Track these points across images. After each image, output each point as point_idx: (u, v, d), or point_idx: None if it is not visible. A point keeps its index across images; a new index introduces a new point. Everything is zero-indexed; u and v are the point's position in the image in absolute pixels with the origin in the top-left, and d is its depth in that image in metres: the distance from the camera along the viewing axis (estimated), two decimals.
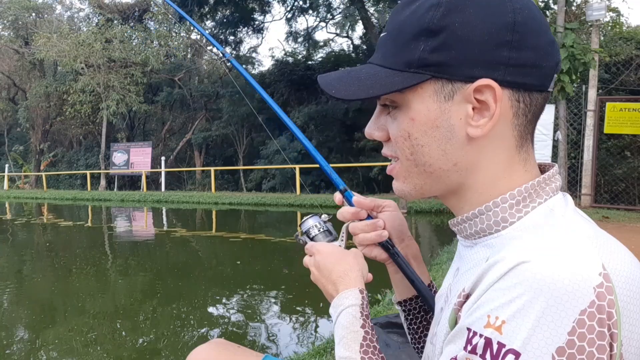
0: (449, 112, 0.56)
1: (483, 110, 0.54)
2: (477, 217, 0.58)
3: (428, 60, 0.55)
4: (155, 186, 19.88)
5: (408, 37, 0.56)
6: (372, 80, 0.58)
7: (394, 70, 0.57)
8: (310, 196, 13.37)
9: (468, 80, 0.54)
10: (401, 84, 0.56)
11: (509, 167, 0.57)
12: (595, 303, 0.44)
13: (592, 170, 8.47)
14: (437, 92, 0.55)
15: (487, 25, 0.53)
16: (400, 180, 0.63)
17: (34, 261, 6.64)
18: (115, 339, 3.47)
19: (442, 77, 0.55)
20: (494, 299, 0.47)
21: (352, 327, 0.75)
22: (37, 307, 4.33)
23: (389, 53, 0.59)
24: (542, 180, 0.57)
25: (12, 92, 27.08)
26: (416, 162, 0.59)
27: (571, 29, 7.14)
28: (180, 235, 8.62)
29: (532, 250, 0.48)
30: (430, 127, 0.57)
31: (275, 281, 5.19)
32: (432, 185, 0.61)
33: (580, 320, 0.44)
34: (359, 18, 15.34)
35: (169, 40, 21.19)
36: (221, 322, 3.91)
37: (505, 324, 0.46)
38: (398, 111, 0.59)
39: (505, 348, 0.45)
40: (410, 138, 0.58)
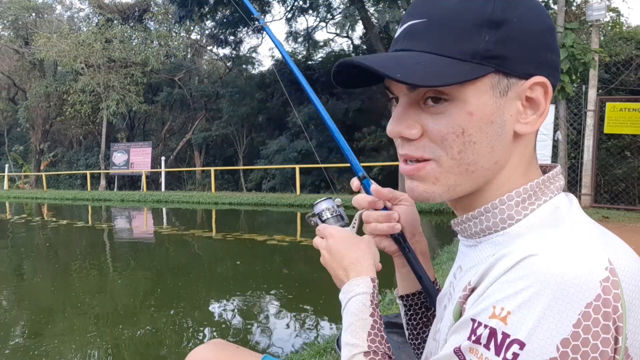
0: (502, 108, 0.55)
1: (528, 109, 0.56)
2: (483, 215, 0.59)
3: (492, 52, 0.53)
4: (155, 186, 19.88)
5: (469, 26, 0.53)
6: (438, 67, 0.53)
7: (457, 60, 0.53)
8: (310, 196, 13.37)
9: (523, 77, 0.54)
10: (470, 73, 0.53)
11: (528, 165, 0.59)
12: (601, 297, 0.45)
13: (592, 170, 8.47)
14: (493, 87, 0.54)
15: (537, 25, 0.54)
16: (430, 182, 0.59)
17: (34, 261, 6.64)
18: (114, 339, 3.47)
19: (502, 72, 0.54)
20: (500, 291, 0.48)
21: (361, 315, 0.73)
22: (37, 307, 4.33)
23: (443, 41, 0.54)
24: (547, 178, 0.58)
25: (12, 92, 27.08)
26: (462, 160, 0.56)
27: (571, 29, 7.15)
28: (180, 235, 8.62)
29: (539, 245, 0.49)
30: (485, 122, 0.55)
31: (275, 281, 5.19)
32: (465, 185, 0.58)
33: (586, 312, 0.44)
34: (359, 18, 15.34)
35: (169, 40, 21.21)
36: (221, 322, 3.91)
37: (511, 314, 0.46)
38: (449, 105, 0.55)
39: (510, 338, 0.46)
40: (464, 134, 0.55)
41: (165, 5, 20.84)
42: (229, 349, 1.03)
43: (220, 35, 20.77)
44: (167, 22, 21.15)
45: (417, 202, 0.65)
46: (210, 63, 26.09)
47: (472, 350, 0.49)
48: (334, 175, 15.98)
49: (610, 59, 9.27)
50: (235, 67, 22.45)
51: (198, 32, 23.79)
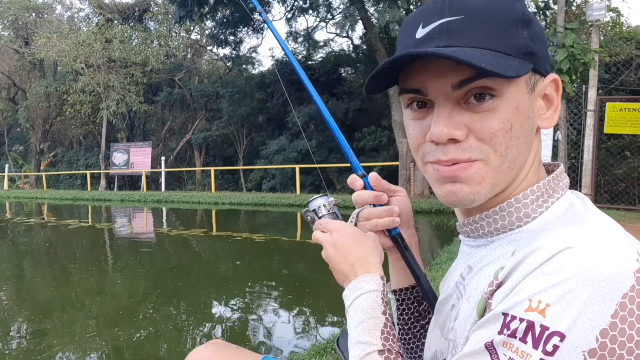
0: (533, 103, 0.56)
1: (547, 104, 0.58)
2: (497, 215, 0.59)
3: (530, 49, 0.55)
4: (155, 186, 19.88)
5: (508, 23, 0.54)
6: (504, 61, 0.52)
7: (506, 55, 0.53)
8: (310, 196, 13.33)
9: (544, 74, 0.57)
10: (524, 68, 0.53)
11: (539, 162, 0.61)
12: (636, 287, 0.46)
13: (592, 170, 8.47)
14: (527, 83, 0.55)
15: (541, 25, 0.58)
16: (476, 182, 0.56)
17: (34, 261, 6.64)
18: (113, 339, 3.47)
19: (535, 68, 0.55)
20: (536, 284, 0.48)
21: (374, 312, 0.71)
22: (37, 307, 4.33)
23: (488, 37, 0.54)
24: (555, 176, 0.59)
25: (12, 92, 27.08)
26: (507, 157, 0.55)
27: (571, 29, 7.15)
28: (180, 235, 8.62)
29: (574, 238, 0.49)
30: (525, 117, 0.55)
31: (275, 281, 5.19)
32: (504, 184, 0.57)
33: (622, 303, 0.45)
34: (359, 18, 15.33)
35: (169, 40, 21.21)
36: (221, 323, 3.91)
37: (550, 307, 0.46)
38: (497, 101, 0.54)
39: (549, 330, 0.46)
40: (512, 130, 0.54)
41: (165, 5, 20.83)
42: (229, 350, 1.03)
43: (220, 35, 20.77)
44: (167, 22, 21.15)
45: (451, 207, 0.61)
46: (210, 63, 26.09)
47: (506, 345, 0.48)
48: (334, 175, 15.98)
49: (610, 59, 9.26)
50: (235, 67, 22.44)
51: (198, 32, 23.81)
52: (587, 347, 0.45)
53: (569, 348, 0.45)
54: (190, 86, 21.72)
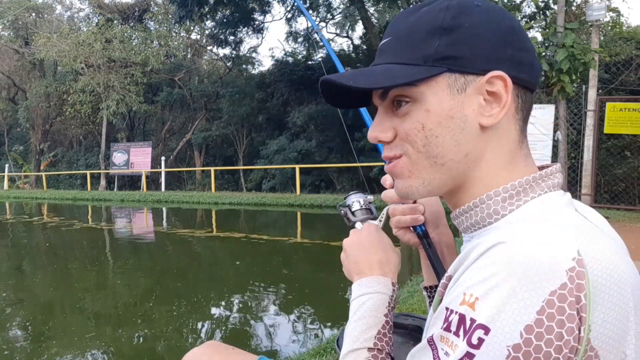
0: (462, 104, 0.58)
1: (492, 102, 0.59)
2: (472, 210, 0.61)
3: (443, 54, 0.58)
4: (155, 186, 19.87)
5: (422, 35, 0.59)
6: (390, 73, 0.60)
7: (410, 65, 0.59)
8: (310, 196, 13.37)
9: (480, 73, 0.58)
10: (421, 74, 0.58)
11: (512, 160, 0.61)
12: (567, 286, 0.46)
13: (592, 170, 8.47)
14: (450, 86, 0.58)
15: (492, 26, 0.59)
16: (405, 176, 0.63)
17: (34, 261, 6.64)
18: (111, 339, 3.47)
19: (456, 71, 0.58)
20: (470, 278, 0.50)
21: (376, 313, 0.75)
22: (36, 308, 4.33)
23: (401, 52, 0.61)
24: (539, 176, 0.59)
25: (12, 92, 27.07)
26: (428, 153, 0.60)
27: (571, 29, 7.14)
28: (180, 235, 8.62)
29: (509, 234, 0.50)
30: (444, 117, 0.59)
31: (275, 281, 5.19)
32: (441, 179, 0.61)
33: (550, 300, 0.45)
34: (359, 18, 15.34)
35: (169, 40, 21.20)
36: (220, 323, 3.91)
37: (479, 300, 0.47)
38: (411, 105, 0.60)
39: (476, 323, 0.47)
40: (425, 129, 0.59)
41: (165, 5, 20.83)
42: (224, 351, 1.03)
43: (220, 35, 20.76)
44: (167, 22, 21.14)
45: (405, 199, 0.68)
46: (210, 63, 26.08)
47: (443, 339, 0.50)
48: (334, 175, 15.98)
49: (610, 59, 9.26)
50: (235, 67, 22.44)
51: (198, 32, 23.80)
52: (512, 342, 0.45)
53: (493, 342, 0.46)
54: (190, 86, 21.71)
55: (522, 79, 0.59)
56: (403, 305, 3.11)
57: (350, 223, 0.93)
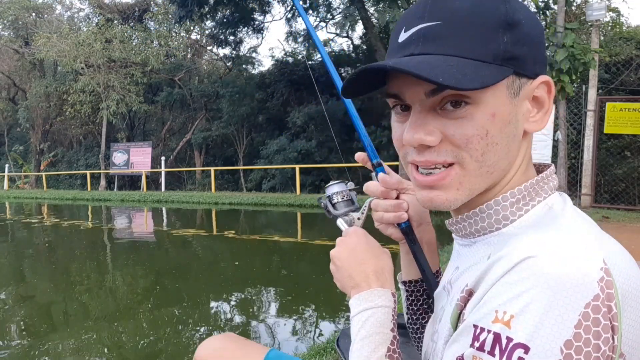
0: (516, 108, 0.56)
1: (534, 107, 0.57)
2: (478, 216, 0.59)
3: (511, 54, 0.54)
4: (155, 186, 19.87)
5: (487, 28, 0.53)
6: (472, 70, 0.52)
7: (481, 62, 0.53)
8: (310, 196, 13.36)
9: (532, 77, 0.55)
10: (498, 76, 0.53)
11: (527, 164, 0.60)
12: (600, 297, 0.45)
13: (592, 170, 8.47)
14: (508, 88, 0.55)
15: (537, 25, 0.57)
16: (454, 188, 0.57)
17: (34, 261, 6.64)
18: (114, 339, 3.47)
19: (519, 72, 0.55)
20: (501, 294, 0.48)
21: (382, 329, 0.70)
22: (37, 308, 4.33)
23: (465, 44, 0.53)
24: (540, 179, 0.58)
25: (12, 92, 27.07)
26: (484, 162, 0.55)
27: (571, 29, 7.14)
28: (180, 235, 8.62)
29: (537, 246, 0.49)
30: (505, 123, 0.55)
31: (275, 281, 5.19)
32: (482, 187, 0.57)
33: (586, 313, 0.45)
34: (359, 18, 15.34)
35: (169, 40, 21.19)
36: (221, 323, 3.91)
37: (514, 318, 0.46)
38: (471, 108, 0.54)
39: (514, 342, 0.45)
40: (488, 136, 0.54)
41: (165, 5, 20.82)
42: (238, 341, 1.05)
43: (220, 35, 20.77)
44: (167, 22, 21.14)
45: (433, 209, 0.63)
46: (210, 63, 26.08)
47: (476, 358, 0.48)
48: (334, 175, 15.97)
49: (610, 59, 9.26)
50: (235, 67, 22.44)
51: (198, 32, 23.80)
52: (553, 359, 0.44)
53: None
54: (190, 86, 21.71)
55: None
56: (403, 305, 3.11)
57: (331, 216, 0.88)
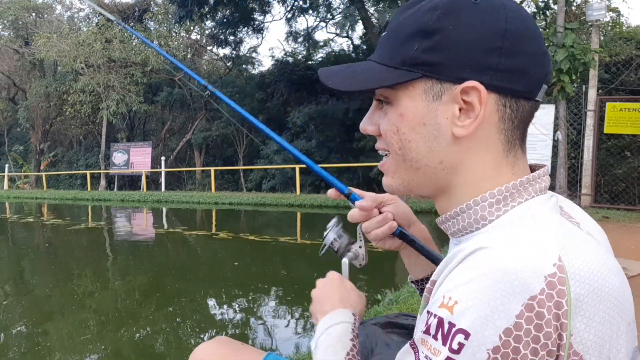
0: (436, 111, 0.58)
1: (469, 112, 0.57)
2: (459, 216, 0.60)
3: (420, 59, 0.57)
4: (155, 186, 19.87)
5: (404, 37, 0.59)
6: (366, 75, 0.61)
7: (388, 67, 0.59)
8: (310, 196, 13.37)
9: (457, 82, 0.56)
10: (392, 79, 0.58)
11: (495, 169, 0.59)
12: (545, 291, 0.46)
13: (592, 170, 8.47)
14: (426, 91, 0.58)
15: (479, 30, 0.55)
16: (390, 175, 0.65)
17: (34, 261, 6.64)
18: (114, 339, 3.47)
19: (433, 77, 0.57)
20: (451, 281, 0.50)
21: (343, 338, 0.78)
22: (37, 308, 4.33)
23: (386, 51, 0.61)
24: (526, 180, 0.58)
25: (12, 92, 27.07)
26: (404, 156, 0.61)
27: (571, 29, 7.15)
28: (180, 236, 8.62)
29: (492, 239, 0.50)
30: (417, 123, 0.59)
31: (276, 281, 5.19)
32: (420, 182, 0.63)
33: (529, 305, 0.46)
34: (359, 18, 15.35)
35: (169, 40, 21.18)
36: (221, 323, 3.91)
37: (457, 304, 0.48)
38: (389, 107, 0.62)
39: (455, 328, 0.47)
40: (399, 132, 0.61)
41: (165, 5, 20.83)
42: (233, 346, 1.04)
43: (220, 35, 20.78)
44: (167, 22, 21.13)
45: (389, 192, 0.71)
46: (210, 63, 26.09)
47: (423, 342, 0.51)
48: (334, 175, 15.93)
49: (610, 59, 9.27)
50: (235, 67, 22.45)
51: (198, 32, 23.80)
52: (491, 345, 0.46)
53: (474, 346, 0.46)
54: (191, 86, 21.70)
55: (510, 89, 0.56)
56: (403, 305, 3.12)
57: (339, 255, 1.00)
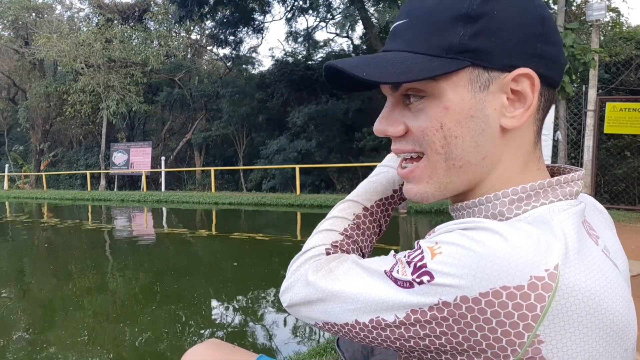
0: (483, 102, 0.54)
1: (515, 102, 0.55)
2: (477, 207, 0.58)
3: (468, 46, 0.53)
4: (155, 186, 19.88)
5: (444, 22, 0.54)
6: (408, 64, 0.54)
7: (430, 56, 0.54)
8: (310, 196, 13.37)
9: (505, 70, 0.53)
10: (441, 68, 0.53)
11: (526, 163, 0.58)
12: (523, 289, 0.46)
13: (592, 170, 8.47)
14: (472, 81, 0.54)
15: (522, 16, 0.53)
16: (424, 181, 0.59)
17: (33, 261, 6.64)
18: (112, 339, 3.47)
19: (480, 65, 0.53)
20: (449, 236, 0.50)
21: (345, 214, 0.73)
22: (36, 308, 4.33)
23: (418, 39, 0.55)
24: (555, 181, 0.56)
25: (12, 92, 27.08)
26: (447, 155, 0.56)
27: (571, 29, 7.14)
28: (180, 235, 8.62)
29: (502, 227, 0.49)
30: (465, 116, 0.55)
31: (275, 282, 5.19)
32: (457, 182, 0.58)
33: (498, 292, 0.46)
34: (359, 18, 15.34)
35: (169, 40, 21.21)
36: (220, 323, 3.91)
37: (440, 255, 0.49)
38: (426, 101, 0.56)
39: (426, 269, 0.49)
40: (443, 128, 0.55)
41: (165, 5, 20.84)
42: (224, 349, 1.02)
43: (220, 35, 20.76)
44: (167, 22, 21.15)
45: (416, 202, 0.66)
46: (210, 63, 26.09)
47: (400, 261, 0.53)
48: (334, 175, 15.97)
49: (610, 59, 9.26)
50: (235, 67, 22.45)
51: (198, 32, 23.81)
52: (444, 299, 0.48)
53: (431, 289, 0.48)
54: (190, 86, 21.72)
55: (549, 77, 0.55)
56: None
57: None
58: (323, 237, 0.71)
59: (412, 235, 8.19)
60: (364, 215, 0.73)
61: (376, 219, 0.74)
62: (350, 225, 0.72)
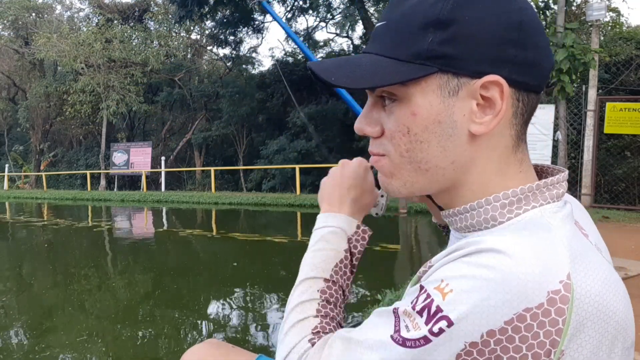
0: (452, 108, 0.54)
1: (486, 108, 0.54)
2: (468, 213, 0.58)
3: (436, 52, 0.52)
4: (155, 186, 19.88)
5: (415, 28, 0.54)
6: (375, 69, 0.55)
7: (399, 61, 0.54)
8: (310, 196, 13.37)
9: (475, 76, 0.53)
10: (408, 74, 0.53)
11: (504, 166, 0.57)
12: (544, 306, 0.45)
13: (592, 170, 8.47)
14: (441, 87, 0.54)
15: (495, 21, 0.52)
16: (387, 175, 0.61)
17: (33, 261, 6.64)
18: (111, 339, 3.47)
19: (449, 71, 0.53)
20: (454, 269, 0.49)
21: (336, 246, 0.76)
22: (36, 308, 4.33)
23: (391, 43, 0.55)
24: (543, 184, 0.56)
25: (12, 92, 27.08)
26: (411, 158, 0.57)
27: (571, 29, 7.15)
28: (180, 236, 8.62)
29: (507, 244, 0.48)
30: (432, 122, 0.55)
31: (275, 282, 5.19)
32: (424, 183, 0.59)
33: (522, 316, 0.45)
34: (359, 18, 15.35)
35: (169, 40, 21.21)
36: (220, 323, 3.91)
37: (452, 293, 0.47)
38: (397, 105, 0.56)
39: (442, 313, 0.47)
40: (410, 133, 0.56)
41: (165, 5, 20.84)
42: (223, 349, 1.02)
43: (220, 35, 20.77)
44: (167, 22, 21.15)
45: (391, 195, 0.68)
46: (210, 63, 26.09)
47: (408, 314, 0.50)
48: None
49: (610, 59, 9.27)
50: (235, 67, 22.45)
51: (198, 32, 23.81)
52: (470, 340, 0.46)
53: (453, 335, 0.46)
54: (190, 86, 21.72)
55: (525, 82, 0.54)
56: None
57: None
58: (300, 328, 0.69)
59: (412, 235, 8.19)
60: (328, 287, 0.73)
61: (340, 286, 0.74)
62: (321, 304, 0.72)
